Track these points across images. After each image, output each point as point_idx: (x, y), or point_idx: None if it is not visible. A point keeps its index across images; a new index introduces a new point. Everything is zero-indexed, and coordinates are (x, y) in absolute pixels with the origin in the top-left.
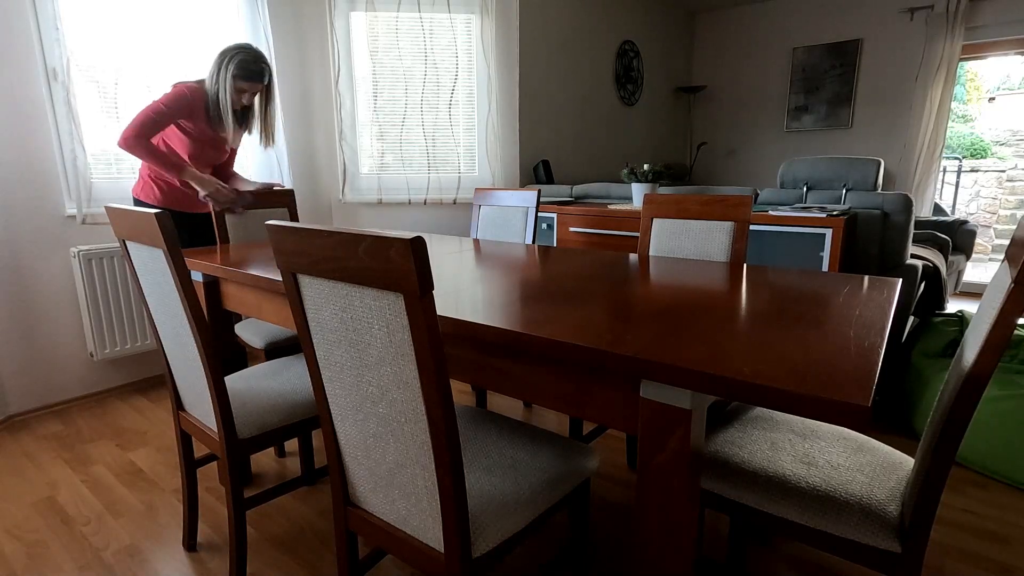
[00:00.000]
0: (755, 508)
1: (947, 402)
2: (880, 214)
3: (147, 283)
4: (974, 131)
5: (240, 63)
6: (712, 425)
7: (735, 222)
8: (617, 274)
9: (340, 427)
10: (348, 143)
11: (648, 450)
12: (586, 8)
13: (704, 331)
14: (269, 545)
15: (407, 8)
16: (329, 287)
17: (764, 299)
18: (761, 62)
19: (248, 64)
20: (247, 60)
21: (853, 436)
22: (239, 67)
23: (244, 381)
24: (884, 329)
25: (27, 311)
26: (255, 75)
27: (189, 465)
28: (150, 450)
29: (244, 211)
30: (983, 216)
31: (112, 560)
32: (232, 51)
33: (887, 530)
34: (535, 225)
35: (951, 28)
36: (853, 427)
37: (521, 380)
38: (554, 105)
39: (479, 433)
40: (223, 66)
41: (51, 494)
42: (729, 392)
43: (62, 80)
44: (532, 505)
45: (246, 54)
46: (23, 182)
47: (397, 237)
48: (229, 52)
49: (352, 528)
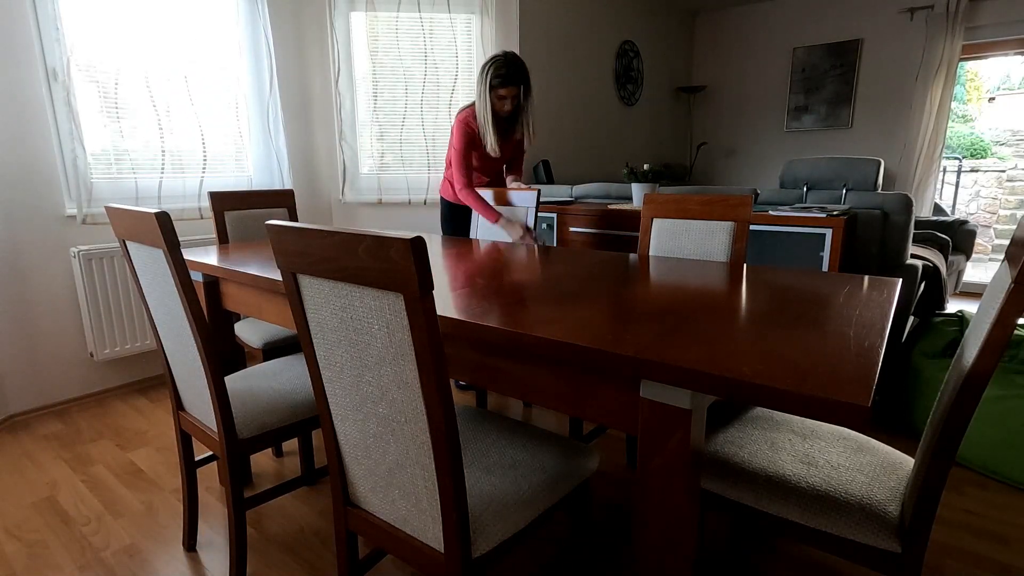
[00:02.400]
0: (755, 508)
1: (947, 402)
2: (880, 214)
3: (147, 283)
4: (974, 131)
5: (495, 70)
6: (712, 425)
7: (735, 222)
8: (617, 274)
9: (340, 427)
10: (348, 143)
11: (648, 450)
12: (586, 8)
13: (704, 331)
14: (269, 545)
15: (407, 8)
16: (329, 287)
17: (764, 299)
18: (761, 62)
19: (499, 69)
20: (499, 65)
21: (853, 436)
22: (494, 74)
23: (244, 381)
24: (884, 329)
25: (27, 311)
26: (509, 79)
27: (189, 465)
28: (150, 450)
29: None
30: (983, 216)
31: (112, 560)
32: (488, 62)
33: (887, 530)
34: (535, 225)
35: (951, 28)
36: (853, 427)
37: (521, 380)
38: (554, 105)
39: (479, 433)
40: (482, 78)
41: (51, 494)
42: (729, 392)
43: (62, 80)
44: (532, 505)
45: (499, 60)
46: (23, 182)
47: (397, 237)
48: (486, 64)
49: (352, 528)
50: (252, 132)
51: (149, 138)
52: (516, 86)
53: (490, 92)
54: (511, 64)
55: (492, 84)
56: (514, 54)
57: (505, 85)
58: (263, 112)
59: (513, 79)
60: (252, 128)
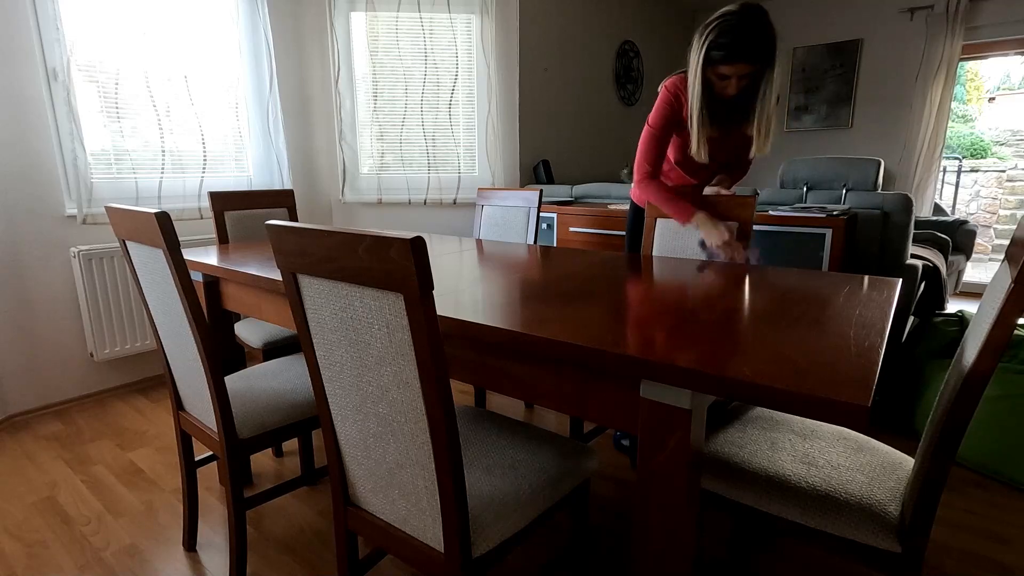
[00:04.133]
0: (755, 508)
1: (947, 402)
2: (880, 214)
3: (147, 283)
4: (974, 131)
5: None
6: (712, 425)
7: (738, 222)
8: (617, 274)
9: (340, 427)
10: (348, 143)
11: (648, 450)
12: (586, 8)
13: (704, 331)
14: (269, 545)
15: (407, 8)
16: (329, 287)
17: (764, 299)
18: None
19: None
20: (726, 27)
21: (853, 436)
22: (715, 42)
23: (244, 381)
24: (884, 329)
25: (27, 311)
26: (737, 53)
27: (189, 465)
28: (150, 450)
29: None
30: (983, 216)
31: (112, 560)
32: (714, 20)
33: (887, 530)
34: (537, 225)
35: (951, 28)
36: (853, 427)
37: (521, 380)
38: (554, 105)
39: (479, 433)
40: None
41: (51, 494)
42: (729, 392)
43: (62, 80)
44: (532, 505)
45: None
46: (23, 182)
47: (397, 237)
48: (710, 22)
49: (352, 528)
50: (252, 132)
51: (149, 138)
52: (751, 64)
53: (705, 67)
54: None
55: (711, 56)
56: (756, 7)
57: (731, 61)
58: (263, 112)
59: (746, 53)
60: (252, 128)
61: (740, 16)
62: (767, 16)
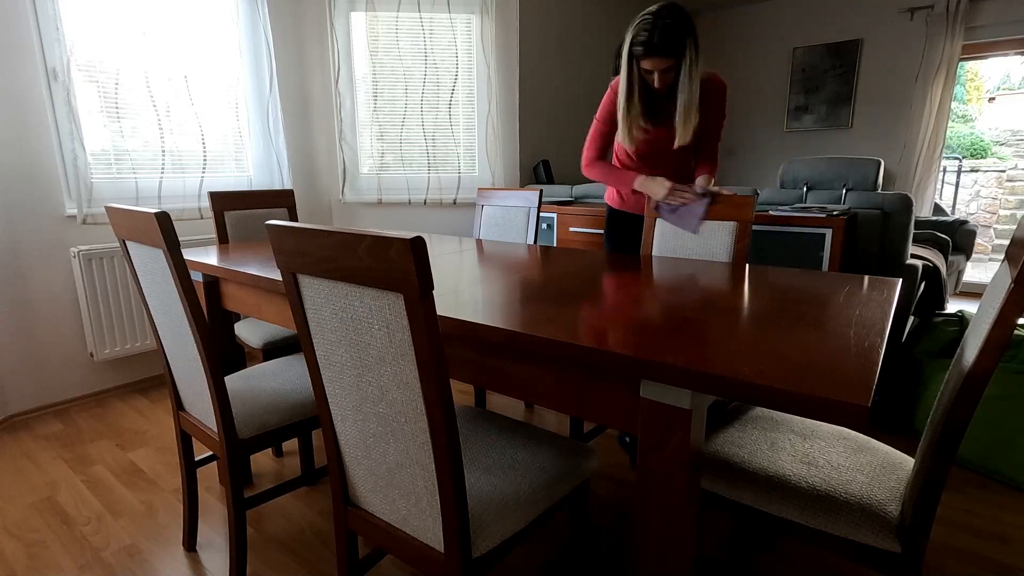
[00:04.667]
0: (755, 508)
1: (947, 402)
2: (880, 214)
3: (147, 283)
4: (974, 131)
5: (636, 33)
6: (712, 425)
7: (737, 222)
8: (617, 274)
9: (340, 427)
10: (348, 143)
11: (648, 450)
12: (586, 8)
13: (704, 331)
14: (269, 545)
15: (407, 8)
16: (329, 287)
17: (764, 299)
18: (761, 62)
19: (642, 32)
20: (644, 28)
21: (853, 436)
22: (635, 40)
23: (244, 381)
24: (884, 329)
25: (27, 311)
26: (652, 49)
27: (189, 465)
28: (150, 450)
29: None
30: (983, 216)
31: (112, 560)
32: (637, 19)
33: (887, 530)
34: (537, 225)
35: (951, 28)
36: (853, 427)
37: (521, 380)
38: (554, 105)
39: (479, 433)
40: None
41: (51, 494)
42: (729, 392)
43: (62, 80)
44: (532, 505)
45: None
46: (23, 182)
47: (397, 237)
48: (634, 22)
49: (352, 528)
50: (252, 132)
51: (149, 138)
52: (667, 58)
53: (631, 63)
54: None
55: (633, 52)
56: (672, 5)
57: (648, 56)
58: (263, 112)
59: (660, 48)
60: (252, 128)
61: (655, 15)
62: (682, 12)
